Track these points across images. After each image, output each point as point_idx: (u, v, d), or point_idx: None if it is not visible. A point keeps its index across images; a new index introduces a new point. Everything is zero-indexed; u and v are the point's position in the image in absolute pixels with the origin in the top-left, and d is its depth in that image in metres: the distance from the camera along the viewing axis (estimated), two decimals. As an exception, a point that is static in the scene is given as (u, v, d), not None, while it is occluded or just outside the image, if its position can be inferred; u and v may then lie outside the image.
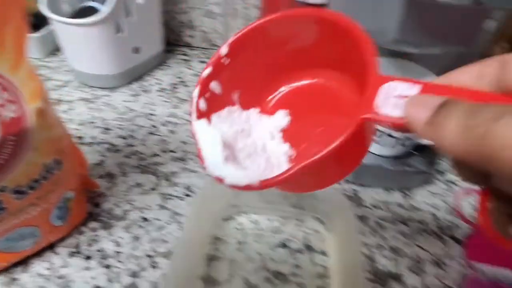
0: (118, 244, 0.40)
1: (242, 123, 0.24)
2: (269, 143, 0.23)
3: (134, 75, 0.62)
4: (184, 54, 0.70)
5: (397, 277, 0.39)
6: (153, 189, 0.46)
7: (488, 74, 0.14)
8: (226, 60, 0.22)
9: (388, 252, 0.41)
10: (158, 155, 0.50)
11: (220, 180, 0.20)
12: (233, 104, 0.24)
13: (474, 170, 0.14)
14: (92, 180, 0.44)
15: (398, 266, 0.40)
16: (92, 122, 0.54)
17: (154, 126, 0.54)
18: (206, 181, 0.40)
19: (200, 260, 0.38)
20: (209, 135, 0.21)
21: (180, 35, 0.71)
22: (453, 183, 0.51)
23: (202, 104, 0.22)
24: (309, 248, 0.40)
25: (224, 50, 0.22)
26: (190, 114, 0.22)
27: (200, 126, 0.22)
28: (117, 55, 0.57)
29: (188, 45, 0.72)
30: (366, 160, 0.48)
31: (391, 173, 0.47)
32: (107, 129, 0.53)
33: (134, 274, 0.37)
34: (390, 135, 0.45)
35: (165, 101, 0.59)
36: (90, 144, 0.50)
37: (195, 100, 0.22)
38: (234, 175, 0.20)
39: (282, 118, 0.24)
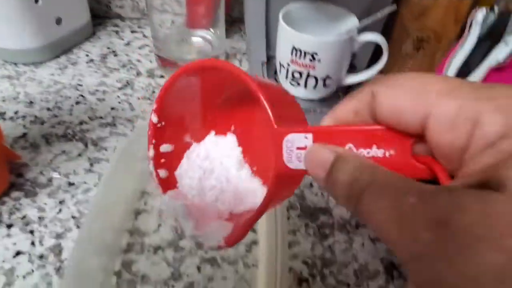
0: (42, 209, 0.39)
1: (202, 161, 0.24)
2: (231, 170, 0.24)
3: (61, 48, 0.60)
4: (116, 26, 0.68)
5: (326, 211, 0.40)
6: (79, 155, 0.44)
7: (361, 110, 0.16)
8: (160, 124, 0.23)
9: (317, 190, 0.42)
10: (85, 122, 0.49)
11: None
12: (187, 146, 0.25)
13: None
14: (12, 151, 0.42)
15: (327, 201, 0.41)
16: (15, 98, 0.51)
17: (81, 96, 0.52)
18: (127, 140, 0.39)
19: (125, 214, 0.37)
20: (174, 211, 0.23)
21: (110, 6, 0.68)
22: (382, 122, 0.52)
23: (162, 173, 0.24)
24: (238, 192, 0.40)
25: (154, 118, 0.23)
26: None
27: (164, 205, 0.23)
28: (38, 26, 0.55)
29: (119, 17, 0.70)
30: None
31: (320, 116, 0.47)
32: (31, 102, 0.51)
33: (58, 236, 0.36)
34: (315, 78, 0.45)
35: (94, 72, 0.57)
36: (12, 118, 0.48)
37: (154, 175, 0.24)
38: (208, 238, 0.22)
39: (232, 138, 0.25)
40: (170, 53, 0.56)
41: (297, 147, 0.16)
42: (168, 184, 0.24)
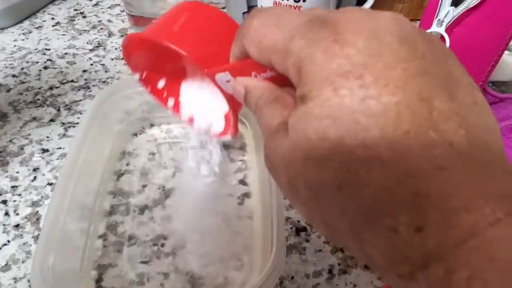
0: (15, 178, 0.36)
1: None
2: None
3: (23, 13, 0.55)
4: (82, -13, 0.63)
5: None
6: (52, 120, 0.41)
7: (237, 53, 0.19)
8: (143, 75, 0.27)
9: (310, 138, 0.40)
10: (56, 87, 0.45)
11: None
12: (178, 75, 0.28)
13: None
14: (-24, 120, 0.39)
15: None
16: (-23, 67, 0.47)
17: (50, 60, 0.48)
18: (98, 99, 0.36)
19: (106, 176, 0.35)
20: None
21: (73, -34, 0.63)
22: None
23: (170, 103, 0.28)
24: (226, 146, 0.38)
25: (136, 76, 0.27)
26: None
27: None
28: (-7, -12, 0.50)
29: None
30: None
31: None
32: (-6, 70, 0.47)
33: (34, 204, 0.34)
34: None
35: (62, 35, 0.53)
36: (-26, 87, 0.44)
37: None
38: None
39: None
40: (143, 10, 0.52)
41: (225, 81, 0.20)
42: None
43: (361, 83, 0.13)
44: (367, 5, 0.42)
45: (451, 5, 0.29)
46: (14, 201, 0.34)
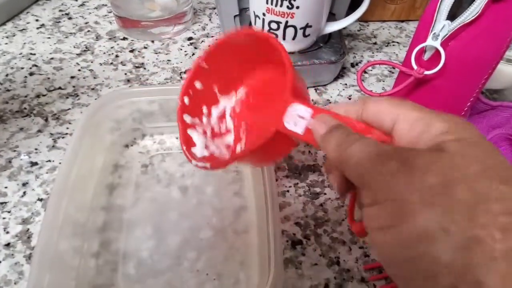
0: (3, 194, 0.35)
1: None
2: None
3: (5, 14, 0.53)
4: (67, -14, 0.60)
5: (315, 168, 0.38)
6: (39, 131, 0.40)
7: (350, 111, 0.21)
8: (204, 65, 0.27)
9: (304, 148, 0.40)
10: (43, 95, 0.44)
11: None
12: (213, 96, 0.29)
13: (342, 177, 0.20)
14: (-40, 133, 0.37)
15: (315, 159, 0.39)
16: (-42, 73, 0.45)
17: (35, 66, 0.47)
18: (91, 109, 0.35)
19: (98, 191, 0.34)
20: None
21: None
22: (366, 72, 0.49)
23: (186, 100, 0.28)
24: (220, 157, 0.37)
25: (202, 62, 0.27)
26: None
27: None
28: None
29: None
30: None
31: (302, 69, 0.44)
32: (-23, 77, 0.45)
33: (25, 221, 0.33)
34: (294, 28, 0.41)
35: (47, 38, 0.51)
36: (-43, 96, 0.43)
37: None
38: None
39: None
40: (131, 12, 0.50)
41: (298, 115, 0.21)
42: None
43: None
44: (363, 7, 0.42)
45: (446, 19, 0.29)
46: (4, 218, 0.33)
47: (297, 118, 0.21)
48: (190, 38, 0.52)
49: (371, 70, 0.49)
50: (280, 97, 0.22)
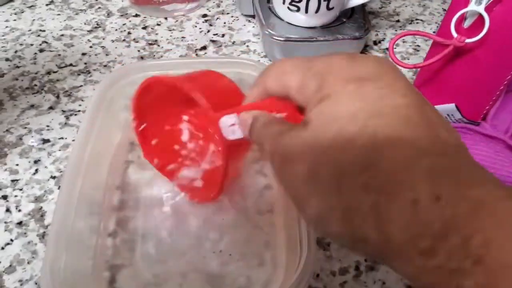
0: (14, 172, 0.33)
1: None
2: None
3: (13, -9, 0.51)
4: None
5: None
6: (51, 108, 0.38)
7: (259, 98, 0.22)
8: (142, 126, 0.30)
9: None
10: (54, 71, 0.42)
11: None
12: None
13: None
14: (-31, 109, 0.36)
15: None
16: (-34, 50, 0.44)
17: (45, 42, 0.45)
18: (103, 85, 0.33)
19: (114, 168, 0.32)
20: None
21: None
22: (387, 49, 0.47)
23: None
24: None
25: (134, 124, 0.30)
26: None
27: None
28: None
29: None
30: (296, 34, 0.42)
31: (324, 44, 0.42)
32: (-15, 53, 0.43)
33: (37, 199, 0.31)
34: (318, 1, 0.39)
35: (57, 14, 0.49)
36: (-35, 72, 0.41)
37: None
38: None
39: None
40: (143, -12, 0.48)
41: (229, 125, 0.22)
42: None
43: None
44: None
45: (492, -19, 0.27)
46: (16, 196, 0.31)
47: (231, 128, 0.22)
48: (204, 15, 0.50)
49: (395, 48, 0.47)
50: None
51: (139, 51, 0.45)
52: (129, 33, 0.47)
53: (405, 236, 0.13)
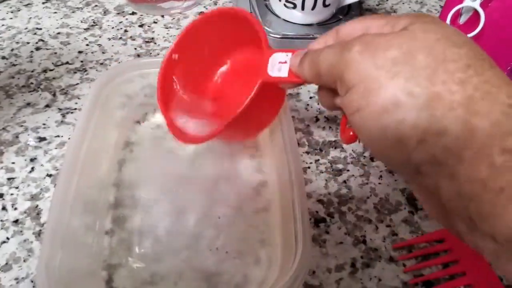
0: (10, 170, 0.33)
1: None
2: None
3: (9, -11, 0.51)
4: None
5: (336, 144, 0.36)
6: (47, 106, 0.38)
7: (330, 40, 0.21)
8: (176, 57, 0.30)
9: (324, 123, 0.38)
10: (50, 69, 0.42)
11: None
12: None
13: (325, 90, 0.21)
14: (-35, 107, 0.36)
15: (336, 134, 0.37)
16: (-38, 48, 0.44)
17: (42, 40, 0.45)
18: (99, 83, 0.33)
19: (110, 166, 0.32)
20: None
21: None
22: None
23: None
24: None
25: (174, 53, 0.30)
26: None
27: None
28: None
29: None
30: (293, 31, 0.42)
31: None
32: (-19, 52, 0.43)
33: (33, 197, 0.31)
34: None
35: (53, 12, 0.49)
36: (-39, 71, 0.41)
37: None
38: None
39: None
40: (140, -15, 0.48)
41: (279, 62, 0.22)
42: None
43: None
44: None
45: (487, -23, 0.27)
46: (12, 194, 0.31)
47: (279, 65, 0.22)
48: (201, 13, 0.50)
49: (392, 45, 0.47)
50: (258, 64, 0.24)
51: (135, 49, 0.44)
52: (125, 31, 0.47)
53: (493, 131, 0.14)
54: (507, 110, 0.14)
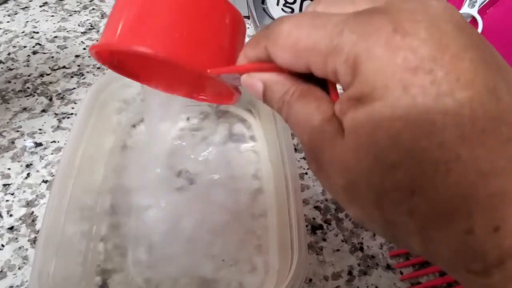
0: (6, 176, 0.33)
1: None
2: None
3: (7, -8, 0.51)
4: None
5: (333, 150, 0.36)
6: (44, 111, 0.38)
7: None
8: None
9: (322, 128, 0.37)
10: (47, 74, 0.42)
11: None
12: None
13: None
14: (-39, 112, 0.35)
15: (334, 139, 0.37)
16: (-41, 52, 0.44)
17: (39, 44, 0.45)
18: (95, 88, 0.33)
19: (106, 172, 0.32)
20: None
21: None
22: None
23: None
24: (233, 138, 0.35)
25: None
26: None
27: None
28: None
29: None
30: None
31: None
32: (-22, 56, 0.43)
33: (29, 203, 0.31)
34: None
35: (51, 16, 0.49)
36: (-43, 75, 0.41)
37: None
38: None
39: None
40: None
41: (233, 78, 0.18)
42: None
43: (433, 79, 0.12)
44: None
45: (485, -17, 0.27)
46: (7, 200, 0.31)
47: (232, 79, 0.18)
48: (199, 16, 0.50)
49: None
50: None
51: (133, 53, 0.44)
52: (123, 34, 0.47)
53: (455, 259, 0.13)
54: None
